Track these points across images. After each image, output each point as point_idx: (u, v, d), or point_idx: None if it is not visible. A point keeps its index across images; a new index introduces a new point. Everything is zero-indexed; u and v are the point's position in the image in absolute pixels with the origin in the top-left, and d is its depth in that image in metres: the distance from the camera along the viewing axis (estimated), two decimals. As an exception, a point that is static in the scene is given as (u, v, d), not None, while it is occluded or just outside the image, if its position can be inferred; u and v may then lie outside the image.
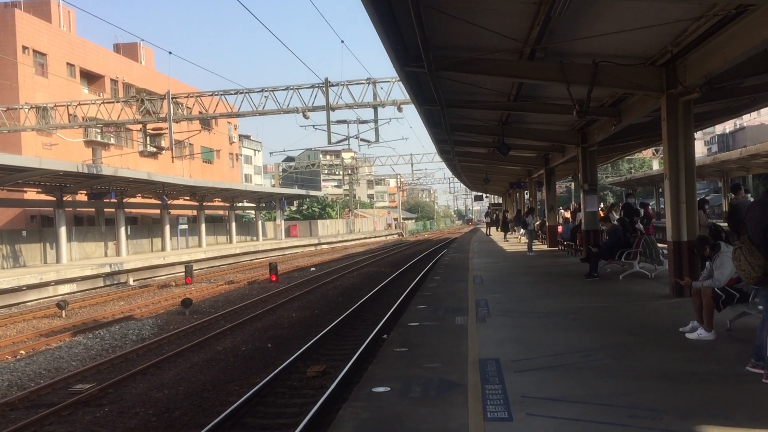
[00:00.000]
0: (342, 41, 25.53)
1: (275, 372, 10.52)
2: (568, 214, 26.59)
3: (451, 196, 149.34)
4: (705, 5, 7.88)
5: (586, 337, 8.08)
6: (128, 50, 52.70)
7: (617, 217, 17.18)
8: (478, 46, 10.60)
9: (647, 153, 68.57)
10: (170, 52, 48.28)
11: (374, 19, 8.22)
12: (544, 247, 26.70)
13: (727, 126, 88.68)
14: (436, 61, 10.69)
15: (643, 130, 17.52)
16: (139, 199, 38.66)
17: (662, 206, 45.35)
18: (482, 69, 11.11)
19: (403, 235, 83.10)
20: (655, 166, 65.64)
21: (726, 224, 11.96)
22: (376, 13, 7.99)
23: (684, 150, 10.68)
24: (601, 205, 24.32)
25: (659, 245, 14.33)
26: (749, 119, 79.04)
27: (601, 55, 10.55)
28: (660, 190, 50.83)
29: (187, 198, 42.77)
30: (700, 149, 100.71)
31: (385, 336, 11.90)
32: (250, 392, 9.41)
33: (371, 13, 7.93)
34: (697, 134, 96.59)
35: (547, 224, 27.35)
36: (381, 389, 6.08)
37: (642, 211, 19.35)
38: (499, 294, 12.63)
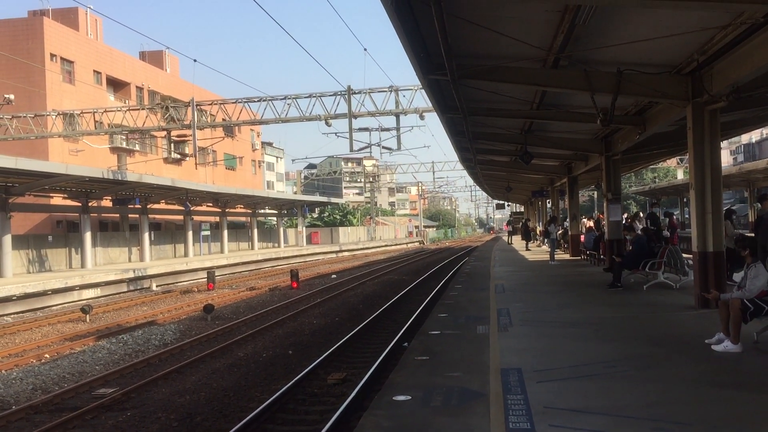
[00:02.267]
0: (365, 49, 25.67)
1: (296, 379, 10.51)
2: (590, 224, 26.37)
3: (472, 204, 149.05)
4: (732, 13, 7.80)
5: (609, 348, 7.99)
6: (154, 58, 53.38)
7: (641, 226, 17.00)
8: (501, 54, 10.58)
9: (672, 162, 67.87)
10: (195, 60, 48.92)
11: (398, 28, 8.24)
12: (567, 256, 26.50)
13: (753, 135, 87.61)
14: (459, 69, 10.69)
15: (667, 139, 17.35)
16: (162, 205, 39.05)
17: (687, 216, 44.81)
18: (505, 77, 11.09)
19: (424, 243, 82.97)
20: (680, 175, 64.90)
21: (753, 234, 11.79)
22: (399, 21, 8.01)
23: (710, 159, 10.55)
24: (625, 215, 24.13)
25: (684, 255, 14.14)
26: (776, 128, 77.98)
27: (626, 63, 10.48)
28: (685, 200, 50.30)
29: (210, 204, 43.12)
30: (725, 158, 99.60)
31: (405, 344, 11.86)
32: (271, 398, 9.40)
33: (395, 21, 7.95)
34: (723, 143, 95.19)
35: (569, 233, 27.15)
36: (402, 398, 6.06)
37: (667, 221, 19.19)
38: (520, 303, 12.54)
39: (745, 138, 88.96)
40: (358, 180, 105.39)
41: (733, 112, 13.94)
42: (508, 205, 73.77)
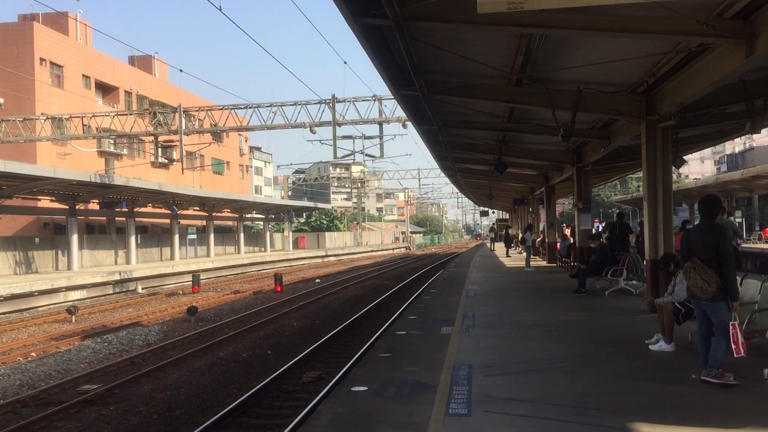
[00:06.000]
0: (345, 62, 26.32)
1: (272, 376, 11.07)
2: (568, 231, 27.06)
3: (459, 210, 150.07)
4: (670, 42, 8.51)
5: (557, 347, 8.66)
6: (143, 62, 53.81)
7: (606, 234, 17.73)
8: (468, 72, 11.24)
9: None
10: (181, 71, 49.71)
11: (368, 50, 8.90)
12: (544, 263, 27.19)
13: (737, 145, 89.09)
14: (428, 85, 11.35)
15: (635, 152, 18.01)
16: (149, 209, 39.47)
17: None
18: (473, 93, 11.75)
19: (410, 249, 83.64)
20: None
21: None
22: (369, 44, 8.67)
23: (662, 173, 11.25)
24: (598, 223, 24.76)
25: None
26: (758, 138, 79.27)
27: (585, 82, 11.17)
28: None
29: (197, 208, 43.56)
30: (710, 168, 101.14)
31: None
32: (247, 394, 9.97)
33: (365, 44, 8.61)
34: (707, 153, 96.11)
35: (546, 241, 27.85)
36: (359, 388, 6.70)
37: (638, 230, 19.90)
38: (487, 307, 13.18)
39: (728, 148, 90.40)
40: (346, 185, 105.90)
41: (695, 127, 14.67)
42: (493, 212, 74.53)
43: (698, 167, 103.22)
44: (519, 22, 7.34)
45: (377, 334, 14.67)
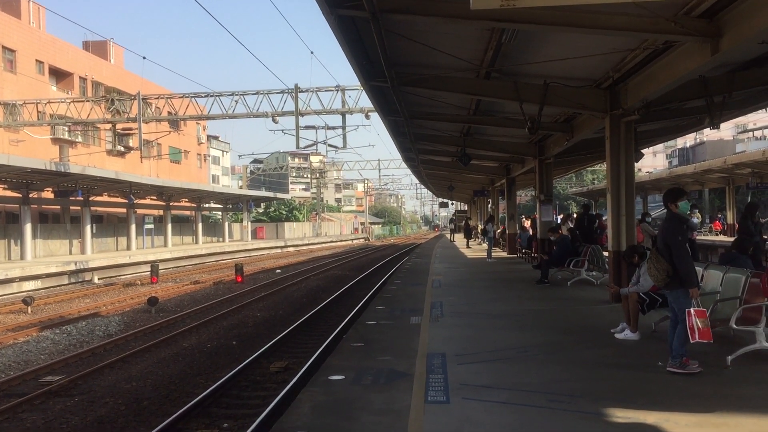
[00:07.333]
0: (311, 52, 26.49)
1: (239, 367, 11.03)
2: (528, 223, 27.46)
3: (418, 201, 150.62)
4: (638, 39, 8.74)
5: (525, 336, 8.86)
6: (98, 48, 52.48)
7: (570, 226, 18.07)
8: (438, 64, 11.34)
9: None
10: (144, 57, 48.93)
11: (341, 40, 8.91)
12: (504, 254, 27.57)
13: (688, 140, 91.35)
14: (398, 77, 11.41)
15: (596, 145, 18.41)
16: (105, 198, 38.69)
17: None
18: (442, 86, 11.87)
19: (369, 240, 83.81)
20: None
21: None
22: (342, 35, 8.69)
23: (625, 166, 11.55)
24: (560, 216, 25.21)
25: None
26: (709, 133, 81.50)
27: (552, 77, 11.38)
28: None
29: (154, 198, 42.87)
30: (661, 162, 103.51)
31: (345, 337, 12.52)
32: (215, 385, 9.92)
33: (338, 35, 8.62)
34: (659, 147, 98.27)
35: (507, 232, 28.23)
36: (336, 377, 6.76)
37: (597, 222, 20.32)
38: (454, 297, 13.36)
39: (680, 142, 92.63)
40: (305, 176, 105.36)
41: (654, 121, 15.06)
42: (452, 204, 75.04)
43: (651, 161, 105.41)
44: (494, 17, 7.44)
45: (342, 324, 14.72)
